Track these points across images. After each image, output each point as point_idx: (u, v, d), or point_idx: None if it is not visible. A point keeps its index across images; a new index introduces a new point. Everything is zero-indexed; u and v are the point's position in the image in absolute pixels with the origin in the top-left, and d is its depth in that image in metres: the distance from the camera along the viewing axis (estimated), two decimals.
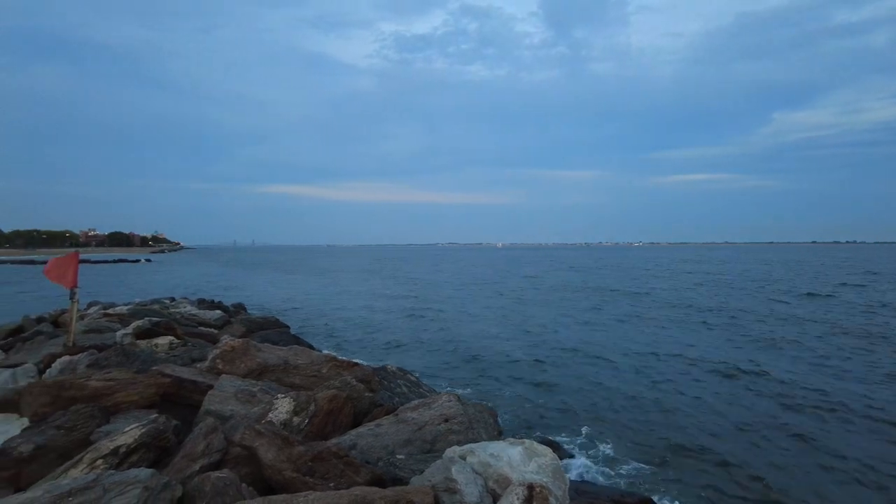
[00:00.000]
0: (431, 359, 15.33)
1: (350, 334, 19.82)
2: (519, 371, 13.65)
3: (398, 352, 16.49)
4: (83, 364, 7.25)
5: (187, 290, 39.20)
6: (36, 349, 9.94)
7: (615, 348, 16.30)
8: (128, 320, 12.61)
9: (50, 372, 7.38)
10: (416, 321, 22.77)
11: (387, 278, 51.95)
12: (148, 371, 6.84)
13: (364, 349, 16.98)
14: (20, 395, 6.07)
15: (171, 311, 15.47)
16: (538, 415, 10.24)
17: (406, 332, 19.99)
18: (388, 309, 27.48)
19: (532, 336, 18.58)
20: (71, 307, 9.30)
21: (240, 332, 12.26)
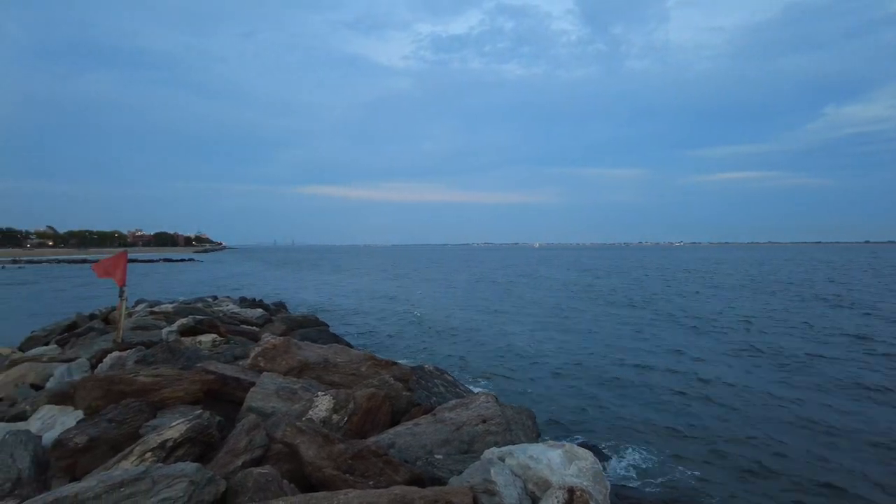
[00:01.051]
0: (467, 359, 15.30)
1: (386, 334, 19.95)
2: (554, 373, 13.47)
3: (433, 351, 16.55)
4: (132, 360, 7.50)
5: (229, 289, 40.21)
6: (88, 345, 10.33)
7: (653, 352, 15.99)
8: (173, 318, 12.99)
9: (101, 367, 7.67)
10: (450, 321, 22.79)
11: (421, 280, 52.22)
12: (193, 368, 7.02)
13: (399, 348, 17.07)
14: (75, 388, 6.32)
15: (214, 309, 15.85)
16: (575, 417, 10.09)
17: (440, 333, 20.00)
18: (424, 309, 27.53)
19: (568, 338, 18.35)
20: (120, 305, 9.63)
21: (280, 331, 12.45)
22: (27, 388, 7.17)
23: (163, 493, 4.03)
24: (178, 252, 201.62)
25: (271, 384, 6.52)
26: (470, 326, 21.09)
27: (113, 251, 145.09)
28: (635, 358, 15.11)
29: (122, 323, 9.52)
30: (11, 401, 6.83)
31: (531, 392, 11.72)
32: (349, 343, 13.52)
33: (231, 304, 18.39)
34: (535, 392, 11.73)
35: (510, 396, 11.15)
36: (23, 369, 7.88)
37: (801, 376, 12.91)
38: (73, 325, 13.71)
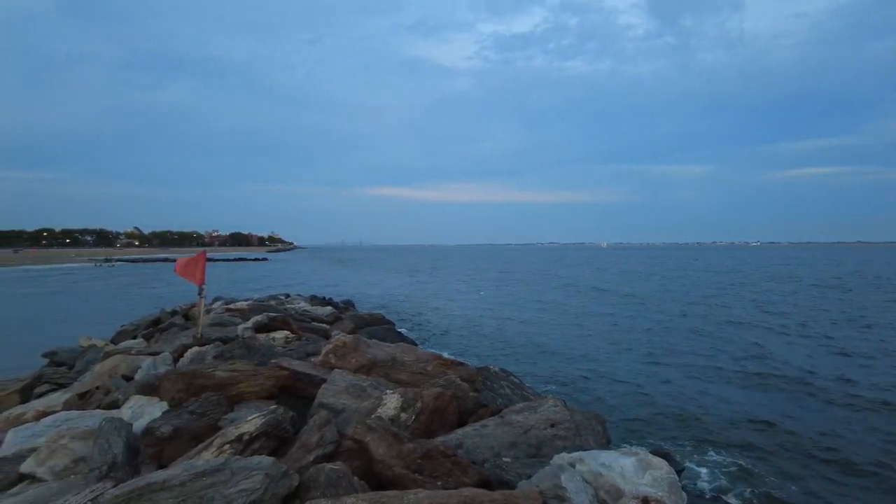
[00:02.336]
0: (532, 361, 15.15)
1: (451, 333, 20.02)
2: (623, 377, 13.12)
3: (497, 353, 16.46)
4: (210, 355, 7.86)
5: (300, 287, 41.47)
6: (171, 339, 10.90)
7: (729, 357, 15.27)
8: (248, 315, 13.48)
9: (182, 361, 8.07)
10: (516, 323, 22.61)
11: (486, 279, 52.12)
12: (267, 364, 7.17)
13: (464, 348, 17.10)
14: (160, 381, 6.65)
15: (286, 307, 16.36)
16: (647, 424, 9.77)
17: (506, 333, 19.90)
18: (489, 309, 27.50)
19: (638, 342, 17.87)
20: (199, 302, 10.09)
21: (349, 329, 12.69)
22: (119, 379, 7.65)
23: (241, 485, 4.19)
24: (252, 251, 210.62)
25: (342, 381, 6.65)
26: (534, 329, 20.88)
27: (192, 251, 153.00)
28: (712, 363, 14.46)
29: (201, 319, 9.98)
30: (106, 390, 7.32)
31: (599, 397, 11.42)
32: (414, 342, 13.64)
33: (302, 301, 18.94)
34: (603, 397, 11.43)
35: (578, 401, 10.89)
36: (115, 361, 8.41)
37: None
38: (157, 321, 14.50)
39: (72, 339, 15.24)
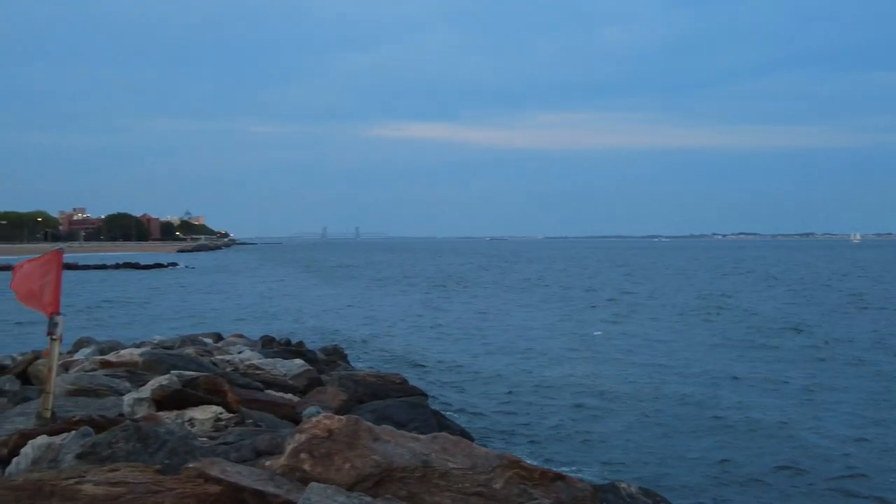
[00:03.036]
0: (679, 457, 15.64)
1: (530, 409, 19.87)
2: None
3: (621, 441, 16.80)
4: (72, 451, 7.61)
5: (243, 321, 41.92)
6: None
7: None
8: (142, 374, 13.38)
9: (18, 462, 7.86)
10: (644, 385, 23.14)
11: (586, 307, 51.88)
12: (181, 469, 6.91)
13: (559, 439, 17.12)
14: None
15: (216, 358, 16.20)
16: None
17: (629, 405, 20.37)
18: (615, 364, 27.75)
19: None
20: (50, 348, 9.96)
21: (338, 402, 12.39)
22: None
23: None
24: (150, 250, 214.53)
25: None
26: (683, 393, 21.69)
27: (35, 249, 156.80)
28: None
29: (53, 382, 9.82)
30: None
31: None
32: (465, 430, 13.37)
33: (246, 348, 18.88)
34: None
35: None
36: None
37: None
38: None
39: None
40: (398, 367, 25.49)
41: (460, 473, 7.37)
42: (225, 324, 37.86)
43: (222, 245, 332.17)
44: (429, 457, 7.49)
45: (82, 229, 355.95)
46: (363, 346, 32.41)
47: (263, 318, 45.85)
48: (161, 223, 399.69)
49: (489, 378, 24.66)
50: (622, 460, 15.75)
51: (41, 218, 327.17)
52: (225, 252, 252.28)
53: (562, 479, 7.57)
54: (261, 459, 7.90)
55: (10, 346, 27.79)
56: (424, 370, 26.08)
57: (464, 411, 19.51)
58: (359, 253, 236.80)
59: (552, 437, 17.46)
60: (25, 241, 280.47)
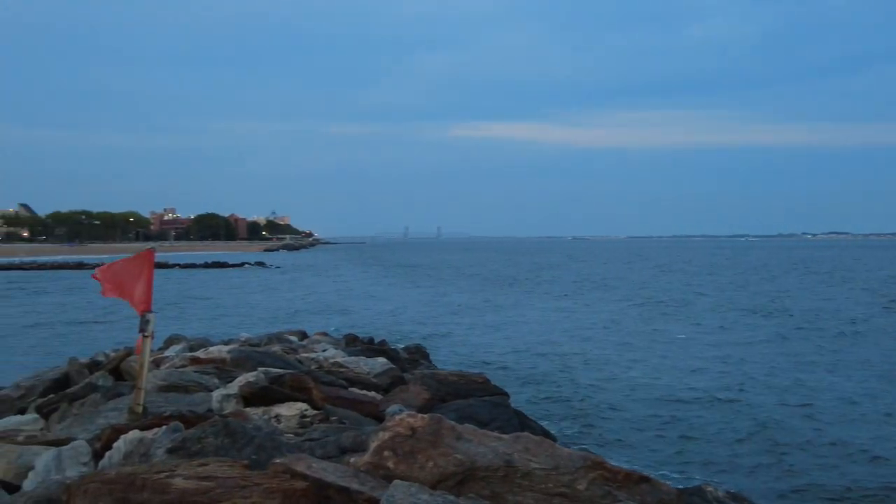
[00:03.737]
0: (770, 465, 15.34)
1: (612, 411, 19.70)
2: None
3: (708, 444, 16.56)
4: (162, 446, 7.71)
5: (326, 319, 42.28)
6: (89, 415, 10.99)
7: None
8: (230, 372, 13.53)
9: (111, 456, 7.97)
10: (730, 389, 22.70)
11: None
12: (268, 465, 6.97)
13: (652, 447, 16.89)
14: (69, 495, 6.45)
15: (301, 356, 16.34)
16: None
17: (715, 407, 20.05)
18: (677, 362, 27.67)
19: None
20: (142, 345, 10.15)
21: (421, 400, 12.37)
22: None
23: None
24: (238, 250, 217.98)
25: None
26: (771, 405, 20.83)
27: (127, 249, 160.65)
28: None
29: (144, 378, 9.98)
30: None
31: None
32: (547, 430, 13.27)
33: (330, 346, 18.99)
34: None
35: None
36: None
37: None
38: (63, 380, 14.81)
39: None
40: (479, 366, 25.42)
41: (543, 474, 7.31)
42: (309, 322, 38.18)
43: (307, 244, 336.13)
44: (512, 456, 7.44)
45: (172, 229, 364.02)
46: (445, 345, 32.41)
47: (346, 316, 46.20)
48: (248, 223, 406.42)
49: (570, 378, 24.45)
50: (709, 464, 15.55)
51: (133, 218, 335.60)
52: (309, 251, 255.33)
53: (647, 481, 7.45)
54: (345, 456, 7.93)
55: (103, 343, 28.52)
56: (506, 370, 25.95)
57: (545, 412, 19.32)
58: (440, 252, 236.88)
59: (636, 439, 17.26)
60: (118, 240, 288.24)
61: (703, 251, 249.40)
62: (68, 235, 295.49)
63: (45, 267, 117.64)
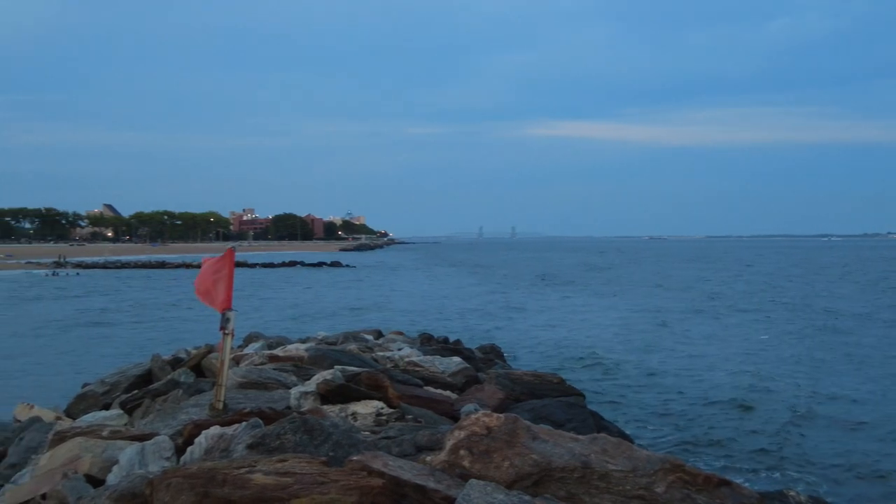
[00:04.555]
0: (853, 468, 15.04)
1: (691, 413, 19.47)
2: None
3: (790, 449, 16.26)
4: (242, 442, 7.77)
5: (401, 318, 42.46)
6: (171, 410, 11.13)
7: None
8: (307, 369, 13.63)
9: (192, 451, 8.07)
10: (813, 391, 22.33)
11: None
12: (345, 462, 6.99)
13: (722, 441, 16.77)
14: (152, 488, 6.56)
15: (377, 354, 16.43)
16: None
17: (797, 411, 19.64)
18: (758, 364, 27.05)
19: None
20: (222, 343, 10.26)
21: (496, 400, 12.33)
22: (81, 482, 7.63)
23: None
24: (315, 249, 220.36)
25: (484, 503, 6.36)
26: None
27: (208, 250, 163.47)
28: None
29: (224, 375, 10.08)
30: (59, 502, 7.51)
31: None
32: (624, 432, 13.12)
33: (405, 345, 19.04)
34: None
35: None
36: (74, 449, 8.38)
37: None
38: (146, 377, 15.09)
39: (1, 407, 16.38)
40: (554, 366, 25.31)
41: (621, 476, 7.21)
42: (384, 321, 38.47)
43: (382, 244, 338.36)
44: (588, 458, 7.36)
45: (251, 229, 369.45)
46: (519, 345, 32.31)
47: (421, 315, 46.34)
48: (324, 223, 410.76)
49: (648, 380, 24.22)
50: (790, 467, 15.22)
51: (213, 218, 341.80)
52: (384, 251, 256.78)
53: (727, 484, 7.30)
54: (421, 454, 7.90)
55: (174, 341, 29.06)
56: (581, 370, 25.82)
57: (621, 413, 19.20)
58: (515, 252, 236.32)
59: (715, 442, 16.97)
60: (199, 240, 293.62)
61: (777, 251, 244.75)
62: (151, 235, 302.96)
63: (128, 266, 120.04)
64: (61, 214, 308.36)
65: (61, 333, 38.65)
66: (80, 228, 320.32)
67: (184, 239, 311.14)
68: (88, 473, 8.09)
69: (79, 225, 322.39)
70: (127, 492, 6.94)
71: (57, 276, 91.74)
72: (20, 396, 16.57)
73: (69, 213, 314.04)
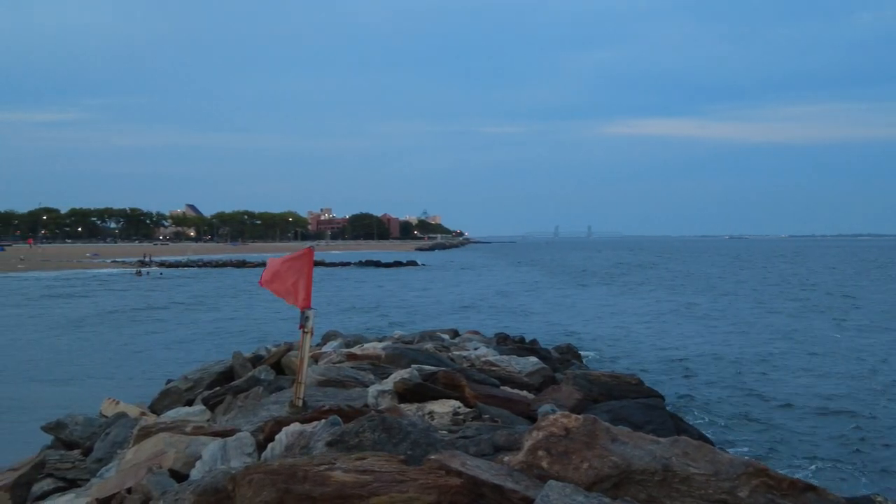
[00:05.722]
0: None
1: (772, 416, 19.09)
2: None
3: (877, 453, 15.93)
4: (322, 439, 7.80)
5: (476, 316, 42.46)
6: (252, 408, 11.17)
7: None
8: (385, 368, 13.65)
9: (272, 448, 8.14)
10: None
11: None
12: (423, 461, 7.01)
13: (805, 445, 16.46)
14: (234, 484, 6.64)
15: (452, 353, 16.45)
16: None
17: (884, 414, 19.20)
18: (839, 365, 26.68)
19: None
20: (302, 341, 10.31)
21: (573, 400, 12.20)
22: (165, 477, 7.77)
23: None
24: (391, 249, 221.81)
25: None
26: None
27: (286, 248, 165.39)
28: None
29: (304, 373, 10.17)
30: (144, 496, 7.65)
31: None
32: (704, 435, 12.91)
33: (482, 344, 18.99)
34: None
35: None
36: (158, 444, 8.54)
37: None
38: (228, 374, 15.30)
39: (89, 402, 16.77)
40: (631, 366, 25.06)
41: (703, 479, 7.06)
42: (459, 320, 38.51)
43: (457, 244, 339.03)
44: (669, 460, 7.22)
45: (328, 228, 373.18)
46: (596, 345, 32.06)
47: (497, 315, 46.20)
48: (400, 222, 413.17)
49: (728, 382, 23.77)
50: (879, 473, 14.90)
51: (292, 218, 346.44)
52: (460, 250, 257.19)
53: (813, 489, 7.10)
54: (498, 455, 7.84)
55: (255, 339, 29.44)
56: (659, 371, 25.46)
57: (701, 415, 18.87)
58: (591, 252, 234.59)
59: (798, 446, 16.64)
60: (277, 239, 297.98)
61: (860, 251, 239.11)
62: (231, 234, 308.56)
63: (209, 265, 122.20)
64: (146, 214, 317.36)
65: (145, 330, 39.43)
66: (163, 228, 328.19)
67: (263, 238, 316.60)
68: (172, 468, 8.22)
69: (162, 224, 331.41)
70: (210, 487, 7.03)
71: (141, 276, 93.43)
72: (106, 392, 16.95)
73: (153, 213, 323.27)
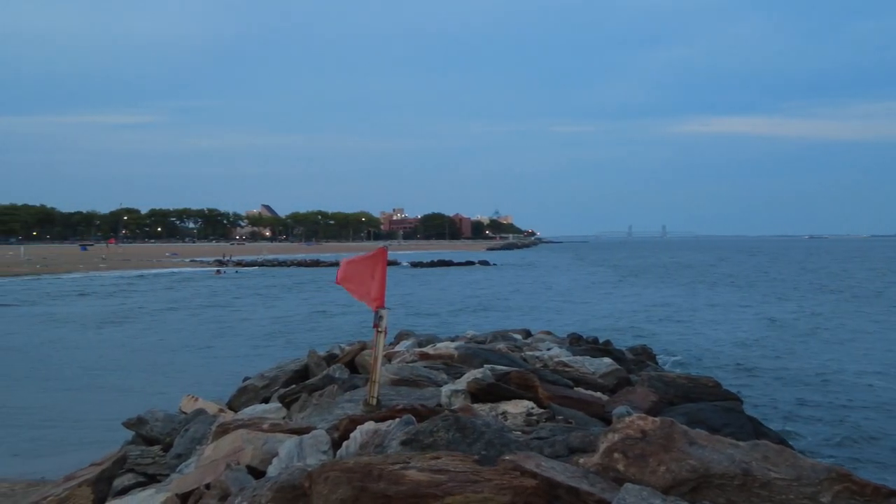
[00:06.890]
0: None
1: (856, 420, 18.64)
2: None
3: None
4: (396, 438, 7.80)
5: (548, 315, 42.27)
6: (327, 406, 11.23)
7: None
8: (457, 367, 13.62)
9: (347, 446, 8.12)
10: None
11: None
12: (497, 461, 6.97)
13: (891, 450, 16.06)
14: (311, 481, 6.67)
15: (525, 354, 16.35)
16: None
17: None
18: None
19: None
20: (375, 340, 10.34)
21: (648, 402, 12.05)
22: (243, 473, 7.79)
23: None
24: (462, 249, 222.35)
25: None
26: None
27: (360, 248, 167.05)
28: None
29: (378, 372, 10.19)
30: (222, 491, 7.70)
31: None
32: (784, 440, 12.66)
33: (554, 345, 18.88)
34: None
35: None
36: (236, 441, 8.63)
37: None
38: (303, 372, 15.41)
39: (169, 398, 17.08)
40: (707, 368, 24.69)
41: (784, 484, 6.91)
42: (532, 320, 38.32)
43: (529, 244, 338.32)
44: (749, 465, 7.09)
45: (401, 228, 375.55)
46: (671, 347, 31.65)
47: (569, 314, 45.94)
48: (472, 222, 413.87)
49: (808, 384, 23.22)
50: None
51: (365, 218, 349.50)
52: (531, 250, 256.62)
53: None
54: (573, 456, 7.78)
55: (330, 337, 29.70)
56: (736, 373, 24.98)
57: (780, 419, 18.47)
58: (666, 252, 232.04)
59: (882, 452, 16.23)
60: (350, 239, 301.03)
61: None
62: (306, 234, 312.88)
63: (284, 264, 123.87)
64: (222, 215, 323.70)
65: (220, 328, 40.07)
66: (239, 228, 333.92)
67: (336, 238, 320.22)
68: (250, 465, 8.31)
69: (238, 224, 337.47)
70: (287, 484, 7.08)
71: (220, 275, 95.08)
72: (186, 389, 17.25)
73: (230, 214, 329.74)
